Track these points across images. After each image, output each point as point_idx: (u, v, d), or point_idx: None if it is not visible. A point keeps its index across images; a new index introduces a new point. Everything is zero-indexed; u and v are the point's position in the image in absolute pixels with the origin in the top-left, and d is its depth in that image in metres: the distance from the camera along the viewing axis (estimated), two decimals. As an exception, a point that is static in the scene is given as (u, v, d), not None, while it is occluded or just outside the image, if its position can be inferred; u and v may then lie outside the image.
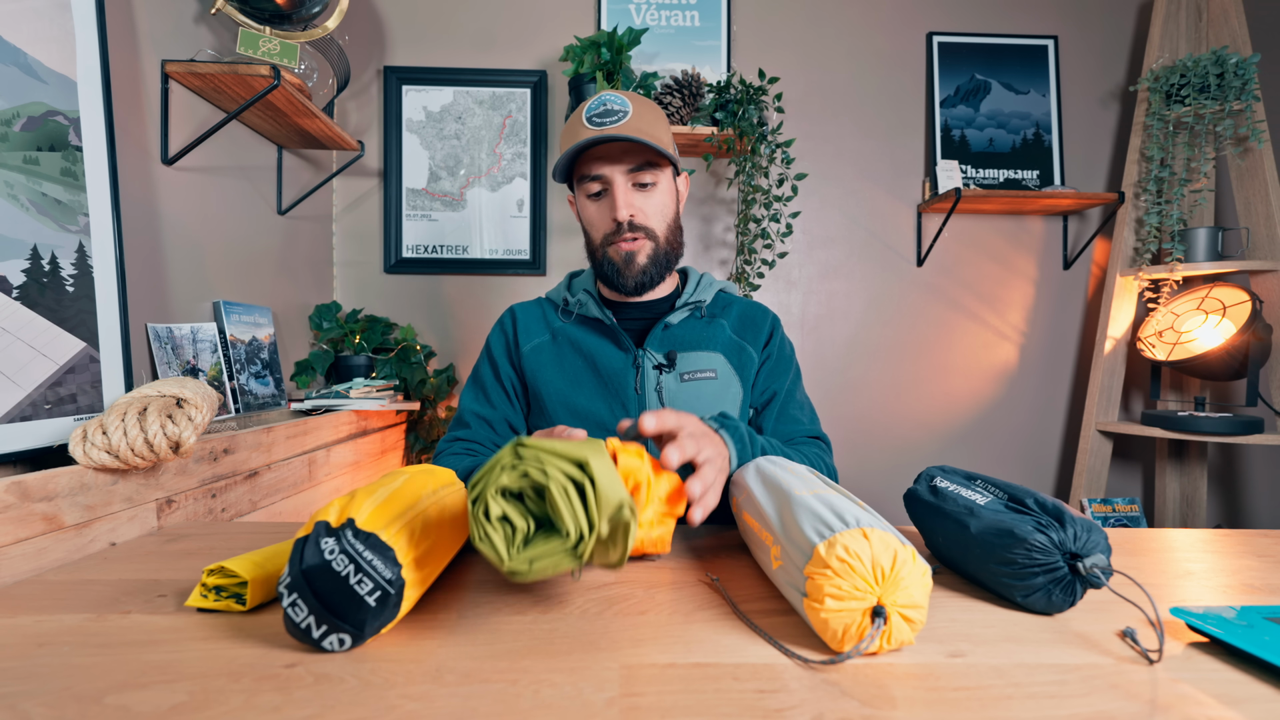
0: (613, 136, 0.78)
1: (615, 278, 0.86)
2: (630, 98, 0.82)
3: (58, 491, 0.67)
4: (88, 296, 0.83)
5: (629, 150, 0.82)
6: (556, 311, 0.94)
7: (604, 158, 0.82)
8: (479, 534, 0.38)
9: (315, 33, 1.28)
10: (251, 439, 1.04)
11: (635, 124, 0.80)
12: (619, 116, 0.80)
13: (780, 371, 0.92)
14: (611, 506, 0.39)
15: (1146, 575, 0.57)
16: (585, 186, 0.85)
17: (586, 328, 0.90)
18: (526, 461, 0.39)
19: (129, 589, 0.52)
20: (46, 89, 0.80)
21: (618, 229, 0.83)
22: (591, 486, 0.39)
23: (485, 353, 0.95)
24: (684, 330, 0.89)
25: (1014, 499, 0.51)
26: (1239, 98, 1.66)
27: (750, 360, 0.90)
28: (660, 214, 0.85)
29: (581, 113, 0.82)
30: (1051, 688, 0.36)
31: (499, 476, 0.38)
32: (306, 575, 0.38)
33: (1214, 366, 1.65)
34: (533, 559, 0.39)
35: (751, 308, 0.95)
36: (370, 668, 0.38)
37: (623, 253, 0.84)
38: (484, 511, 0.38)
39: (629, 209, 0.82)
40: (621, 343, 0.87)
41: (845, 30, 1.92)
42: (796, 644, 0.42)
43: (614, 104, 0.81)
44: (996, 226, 1.95)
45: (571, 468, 0.39)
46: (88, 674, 0.37)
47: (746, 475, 0.60)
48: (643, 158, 0.82)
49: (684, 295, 0.91)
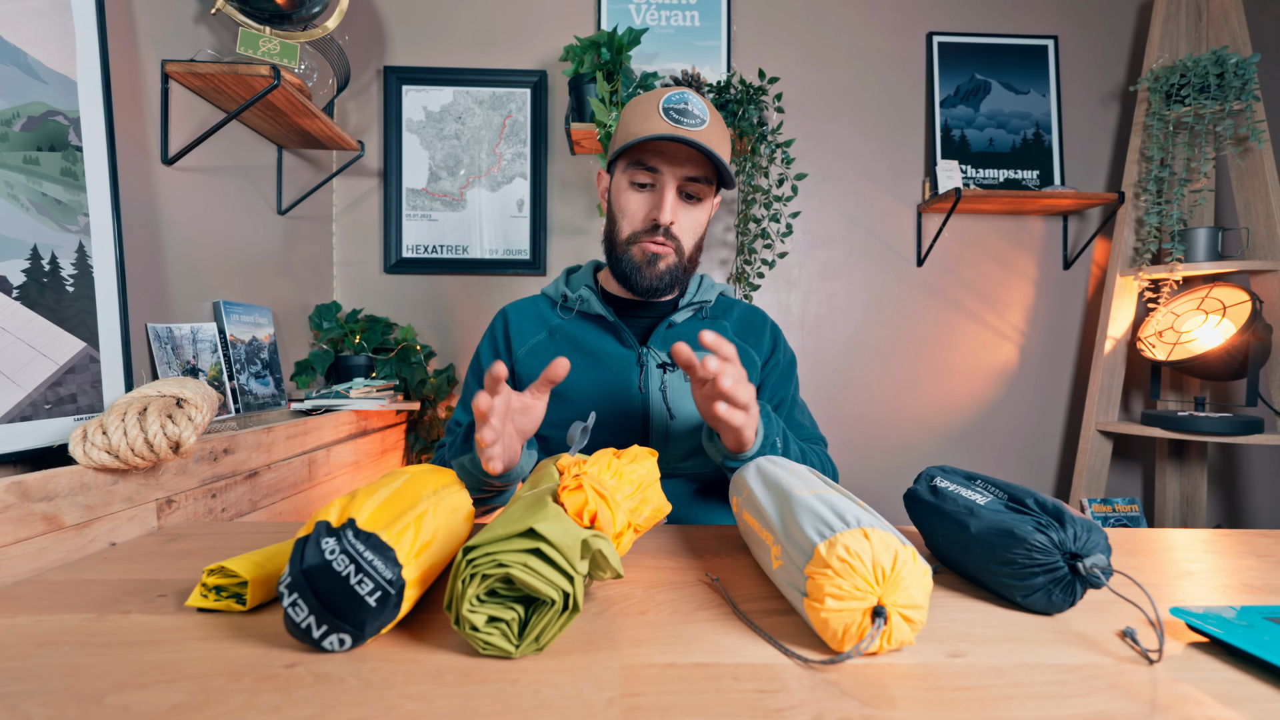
0: (692, 141, 0.75)
1: (632, 274, 0.84)
2: (709, 107, 0.80)
3: (58, 491, 0.67)
4: (88, 296, 0.83)
5: (694, 159, 0.79)
6: (554, 307, 0.92)
7: (668, 154, 0.80)
8: (480, 645, 0.39)
9: (315, 33, 1.28)
10: (251, 439, 1.04)
11: (709, 136, 0.78)
12: (698, 121, 0.78)
13: (786, 379, 0.94)
14: (576, 551, 0.40)
15: (1146, 575, 0.57)
16: (634, 174, 0.82)
17: (587, 324, 0.89)
18: (479, 564, 0.39)
19: (129, 589, 0.52)
20: (46, 89, 0.80)
21: (653, 229, 0.82)
22: (549, 545, 0.39)
23: (475, 361, 0.93)
24: (688, 330, 0.90)
25: (1014, 499, 0.51)
26: (1239, 98, 1.66)
27: (752, 363, 0.91)
28: (694, 230, 0.85)
29: (657, 100, 0.79)
30: (1051, 688, 0.36)
31: (464, 590, 0.39)
32: (307, 575, 0.38)
33: (1214, 366, 1.65)
34: (539, 635, 0.39)
35: (751, 311, 0.96)
36: (370, 668, 0.38)
37: (648, 253, 0.83)
38: (470, 628, 0.39)
39: (673, 215, 0.81)
40: (625, 340, 0.87)
41: (845, 30, 1.92)
42: (797, 644, 0.42)
43: (695, 106, 0.78)
44: (996, 226, 1.95)
45: (522, 541, 0.39)
46: (88, 674, 0.37)
47: (747, 475, 0.60)
48: (703, 171, 0.80)
49: (687, 296, 0.92)
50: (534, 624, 0.39)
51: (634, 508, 0.55)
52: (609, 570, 0.44)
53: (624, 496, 0.54)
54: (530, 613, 0.40)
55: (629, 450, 0.61)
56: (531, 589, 0.38)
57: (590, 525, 0.51)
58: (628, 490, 0.55)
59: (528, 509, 0.43)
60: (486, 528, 0.42)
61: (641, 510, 0.56)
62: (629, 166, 0.82)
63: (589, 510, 0.51)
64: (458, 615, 0.39)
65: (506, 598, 0.40)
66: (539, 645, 0.39)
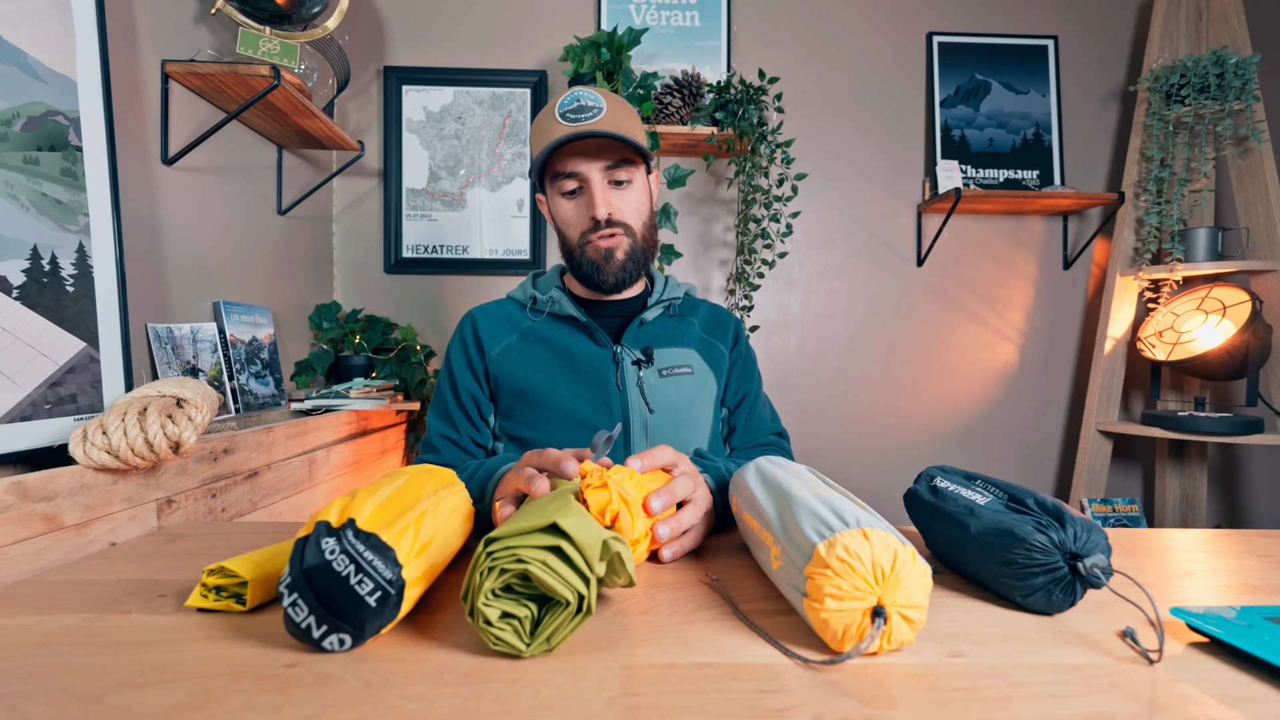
0: (590, 132, 0.77)
1: (594, 275, 0.85)
2: (603, 94, 0.81)
3: (58, 491, 0.67)
4: (88, 296, 0.83)
5: (606, 147, 0.80)
6: (523, 310, 0.92)
7: (580, 154, 0.80)
8: (491, 640, 0.38)
9: (315, 33, 1.28)
10: (251, 439, 1.04)
11: (610, 120, 0.79)
12: (593, 113, 0.78)
13: (749, 373, 0.97)
14: (596, 551, 0.40)
15: (1146, 575, 0.57)
16: (560, 184, 0.83)
17: (558, 325, 0.89)
18: (498, 557, 0.39)
19: (129, 589, 0.52)
20: (46, 89, 0.80)
21: (595, 226, 0.82)
22: (570, 544, 0.39)
23: (445, 368, 0.91)
24: (658, 327, 0.91)
25: (1014, 499, 0.51)
26: (1239, 98, 1.66)
27: (721, 357, 0.93)
28: (636, 211, 0.85)
29: (554, 109, 0.80)
30: (1051, 688, 0.36)
31: (481, 583, 0.38)
32: (307, 575, 0.38)
33: (1214, 366, 1.65)
34: (550, 636, 0.39)
35: (716, 309, 0.99)
36: (370, 668, 0.38)
37: (601, 250, 0.83)
38: (484, 621, 0.38)
39: (607, 206, 0.81)
40: (598, 339, 0.87)
41: (845, 30, 1.92)
42: (796, 644, 0.42)
43: (588, 100, 0.79)
44: (996, 226, 1.95)
45: (543, 537, 0.39)
46: (88, 674, 0.37)
47: (746, 475, 0.60)
48: (619, 155, 0.81)
49: (655, 294, 0.92)
50: (546, 624, 0.39)
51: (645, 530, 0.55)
52: (623, 576, 0.44)
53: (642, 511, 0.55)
54: (543, 612, 0.40)
55: (652, 471, 0.61)
56: (547, 588, 0.38)
57: (610, 526, 0.51)
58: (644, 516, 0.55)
59: (550, 504, 0.43)
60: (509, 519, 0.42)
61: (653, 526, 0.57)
62: (553, 180, 0.84)
63: (611, 510, 0.51)
64: (472, 607, 0.39)
65: (522, 594, 0.40)
66: (549, 646, 0.39)
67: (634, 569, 0.44)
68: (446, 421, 0.89)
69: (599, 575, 0.40)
